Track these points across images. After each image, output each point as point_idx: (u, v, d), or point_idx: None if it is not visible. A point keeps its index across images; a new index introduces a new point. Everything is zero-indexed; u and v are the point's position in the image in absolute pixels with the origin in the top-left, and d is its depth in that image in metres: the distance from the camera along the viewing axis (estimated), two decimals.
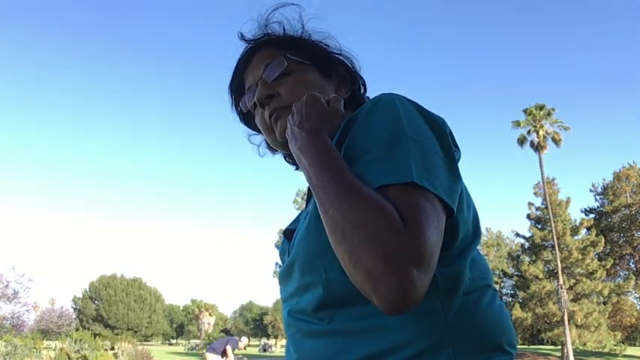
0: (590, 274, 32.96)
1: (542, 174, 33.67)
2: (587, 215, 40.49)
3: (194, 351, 60.28)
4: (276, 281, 0.90)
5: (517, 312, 32.30)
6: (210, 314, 72.04)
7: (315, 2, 1.01)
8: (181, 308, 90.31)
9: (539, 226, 34.95)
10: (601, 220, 39.52)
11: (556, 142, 33.17)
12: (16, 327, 32.69)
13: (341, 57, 1.02)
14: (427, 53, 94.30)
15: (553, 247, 32.36)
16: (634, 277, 35.25)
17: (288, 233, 0.92)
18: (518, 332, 34.11)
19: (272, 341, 68.39)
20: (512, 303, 35.01)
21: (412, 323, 0.70)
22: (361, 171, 0.70)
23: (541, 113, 33.32)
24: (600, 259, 34.60)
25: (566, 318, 30.06)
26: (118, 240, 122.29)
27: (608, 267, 33.50)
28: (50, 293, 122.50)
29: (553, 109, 33.60)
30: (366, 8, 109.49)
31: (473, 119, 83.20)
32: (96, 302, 67.17)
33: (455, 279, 0.74)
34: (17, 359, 21.89)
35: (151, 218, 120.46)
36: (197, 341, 64.47)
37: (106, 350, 29.53)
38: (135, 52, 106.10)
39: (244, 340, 13.49)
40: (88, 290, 67.63)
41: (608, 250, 37.75)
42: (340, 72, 1.00)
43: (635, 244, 38.95)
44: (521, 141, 33.67)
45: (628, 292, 36.39)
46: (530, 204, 35.96)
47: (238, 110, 1.06)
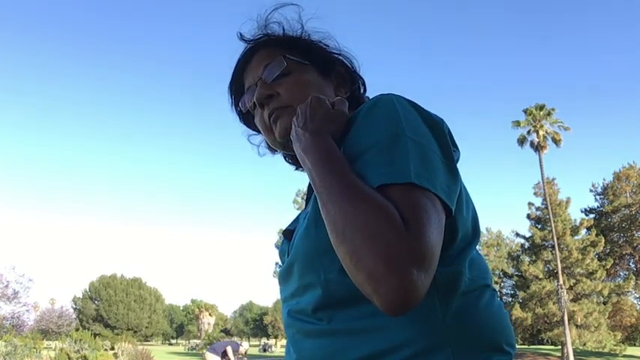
0: (590, 274, 32.95)
1: (542, 174, 33.68)
2: (587, 215, 40.53)
3: (194, 351, 60.27)
4: (276, 281, 0.90)
5: (517, 312, 32.28)
6: (210, 314, 72.01)
7: (314, 2, 1.01)
8: (181, 308, 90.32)
9: (539, 226, 34.92)
10: (601, 220, 39.50)
11: (556, 142, 33.16)
12: (16, 327, 32.70)
13: (340, 57, 1.01)
14: (427, 53, 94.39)
15: (553, 247, 32.34)
16: (634, 277, 35.22)
17: (287, 233, 0.92)
18: (518, 332, 34.11)
19: (272, 341, 68.40)
20: (512, 303, 34.98)
21: (411, 323, 0.70)
22: (360, 171, 0.70)
23: (541, 113, 33.30)
24: (600, 259, 34.58)
25: (566, 318, 30.04)
26: (118, 240, 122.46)
27: (608, 267, 33.47)
28: (50, 293, 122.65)
29: (553, 109, 33.59)
30: (366, 9, 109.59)
31: (473, 119, 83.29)
32: (96, 302, 67.17)
33: (454, 279, 0.74)
34: (17, 359, 21.88)
35: (151, 218, 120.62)
36: (197, 341, 64.45)
37: (106, 350, 29.49)
38: (134, 55, 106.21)
39: (245, 346, 13.45)
40: (88, 290, 67.63)
41: (608, 250, 37.73)
42: (340, 72, 1.00)
43: (635, 244, 38.93)
44: (521, 141, 33.66)
45: (628, 292, 36.37)
46: (530, 204, 35.96)
47: (238, 110, 1.06)
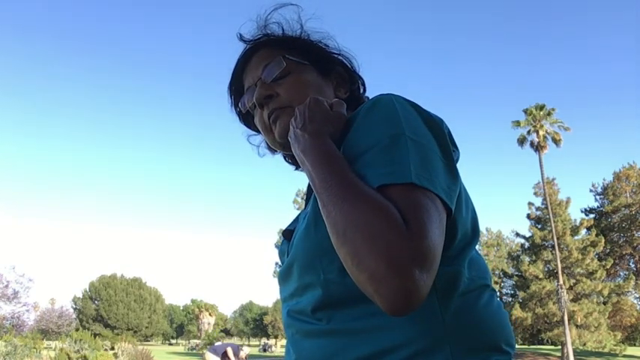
0: (590, 274, 32.93)
1: (542, 174, 33.67)
2: (587, 215, 40.50)
3: (194, 351, 60.29)
4: (276, 281, 0.90)
5: (517, 312, 32.27)
6: (210, 314, 72.02)
7: (314, 3, 1.00)
8: (181, 308, 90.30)
9: (539, 226, 34.91)
10: (601, 220, 39.47)
11: (556, 142, 33.14)
12: (16, 327, 32.73)
13: (340, 57, 1.01)
14: (427, 53, 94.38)
15: (553, 247, 32.33)
16: (634, 277, 35.21)
17: (287, 233, 0.92)
18: (518, 332, 34.09)
19: (272, 341, 68.35)
20: (512, 303, 34.97)
21: (410, 323, 0.70)
22: (360, 171, 0.70)
23: (541, 113, 33.29)
24: (600, 259, 34.57)
25: (566, 318, 30.03)
26: (118, 240, 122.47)
27: (608, 267, 33.46)
28: (50, 293, 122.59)
29: (553, 109, 33.57)
30: (366, 9, 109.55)
31: (473, 119, 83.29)
32: (96, 302, 67.13)
33: (453, 279, 0.74)
34: (17, 359, 21.88)
35: (151, 218, 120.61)
36: (197, 341, 64.47)
37: (106, 350, 29.50)
38: (134, 56, 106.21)
39: (246, 350, 13.41)
40: (88, 290, 67.59)
41: (608, 250, 37.70)
42: (339, 72, 1.00)
43: (635, 244, 38.90)
44: (521, 141, 33.65)
45: (628, 292, 36.35)
46: (530, 204, 35.95)
47: (237, 110, 1.06)
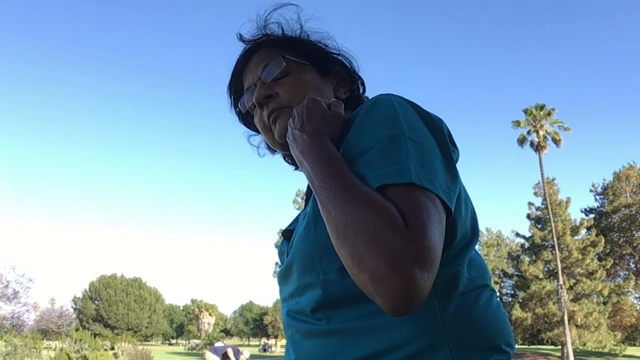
0: (590, 274, 32.94)
1: (542, 174, 33.69)
2: (587, 215, 40.48)
3: (194, 351, 60.31)
4: (276, 281, 0.90)
5: (517, 312, 32.29)
6: (210, 314, 72.08)
7: (313, 3, 1.00)
8: (181, 308, 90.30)
9: (539, 226, 34.92)
10: (601, 220, 39.45)
11: (556, 142, 33.15)
12: (16, 327, 32.70)
13: (340, 57, 1.01)
14: (427, 53, 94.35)
15: (553, 247, 32.34)
16: (634, 277, 35.20)
17: (286, 233, 0.92)
18: (518, 332, 34.10)
19: (272, 341, 68.33)
20: (512, 303, 34.97)
21: (409, 323, 0.70)
22: (360, 171, 0.70)
23: (541, 113, 33.29)
24: (600, 259, 34.58)
25: (566, 318, 30.04)
26: (118, 240, 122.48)
27: (608, 267, 33.46)
28: (50, 293, 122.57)
29: (553, 109, 33.58)
30: (367, 8, 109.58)
31: (473, 119, 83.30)
32: (96, 302, 67.12)
33: (452, 279, 0.74)
34: (17, 359, 21.89)
35: (151, 219, 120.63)
36: (197, 341, 64.48)
37: (106, 350, 29.50)
38: (135, 57, 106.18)
39: (246, 354, 13.42)
40: (88, 290, 67.58)
41: (608, 250, 37.71)
42: (339, 72, 1.00)
43: (635, 244, 38.89)
44: (521, 141, 33.65)
45: (628, 292, 36.33)
46: (530, 204, 35.97)
47: (237, 110, 1.06)
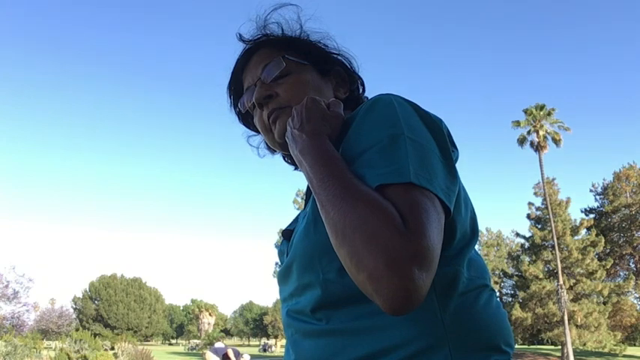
0: (590, 274, 32.94)
1: (542, 174, 33.69)
2: (587, 215, 40.48)
3: (194, 351, 60.32)
4: (276, 281, 0.90)
5: (517, 312, 32.28)
6: (210, 314, 72.05)
7: (313, 3, 1.00)
8: (181, 308, 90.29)
9: (539, 226, 34.92)
10: (601, 220, 39.45)
11: (556, 142, 33.15)
12: (16, 327, 32.72)
13: (339, 57, 1.01)
14: (427, 53, 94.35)
15: (553, 247, 32.34)
16: (634, 277, 35.20)
17: (286, 233, 0.92)
18: (518, 332, 34.10)
19: (272, 341, 68.33)
20: (512, 303, 34.97)
21: (409, 323, 0.70)
22: (359, 171, 0.70)
23: (541, 113, 33.29)
24: (600, 259, 34.58)
25: (566, 318, 30.04)
26: (118, 240, 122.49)
27: (608, 267, 33.46)
28: (50, 293, 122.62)
29: (553, 109, 33.58)
30: (367, 7, 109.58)
31: (473, 119, 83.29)
32: (96, 302, 67.12)
33: (452, 279, 0.74)
34: (17, 359, 21.89)
35: (151, 219, 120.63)
36: (197, 341, 64.48)
37: (106, 350, 29.51)
38: (134, 61, 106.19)
39: (246, 357, 13.41)
40: (88, 290, 67.58)
41: (608, 250, 37.71)
42: (339, 72, 1.00)
43: (635, 244, 38.89)
44: (521, 141, 33.65)
45: (628, 292, 36.34)
46: (530, 204, 35.97)
47: (237, 111, 1.06)
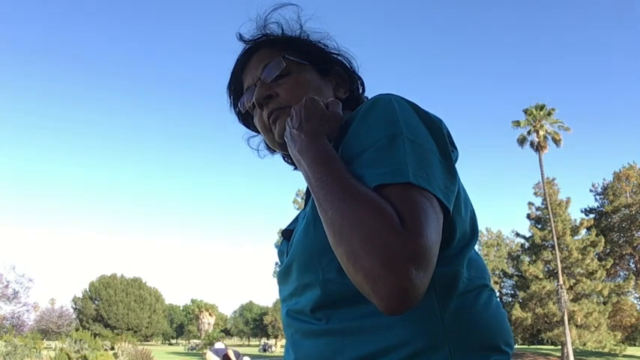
0: (590, 274, 32.94)
1: (542, 174, 33.70)
2: (587, 215, 40.49)
3: (194, 351, 60.33)
4: (276, 281, 0.90)
5: (517, 312, 32.28)
6: (210, 314, 72.02)
7: (313, 3, 1.01)
8: (181, 308, 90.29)
9: (539, 226, 34.92)
10: (601, 220, 39.45)
11: (556, 142, 33.16)
12: (16, 327, 32.74)
13: (339, 57, 1.01)
14: (427, 53, 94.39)
15: (553, 247, 32.34)
16: (634, 277, 35.20)
17: (286, 233, 0.92)
18: (518, 332, 34.11)
19: (272, 341, 68.35)
20: (512, 303, 34.96)
21: (409, 323, 0.70)
22: (358, 171, 0.70)
23: (541, 113, 33.30)
24: (600, 259, 34.58)
25: (566, 318, 30.04)
26: (118, 240, 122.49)
27: (608, 267, 33.46)
28: (50, 293, 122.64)
29: (553, 109, 33.59)
30: (367, 9, 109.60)
31: (473, 119, 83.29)
32: (96, 302, 67.13)
33: (452, 279, 0.74)
34: (17, 359, 21.90)
35: (151, 219, 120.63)
36: (197, 341, 64.48)
37: (106, 350, 29.50)
38: (136, 59, 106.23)
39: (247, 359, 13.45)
40: (88, 290, 67.58)
41: (608, 250, 37.70)
42: (338, 72, 1.00)
43: (635, 244, 38.88)
44: (521, 141, 33.67)
45: (628, 292, 36.34)
46: (530, 204, 35.98)
47: (237, 111, 1.06)
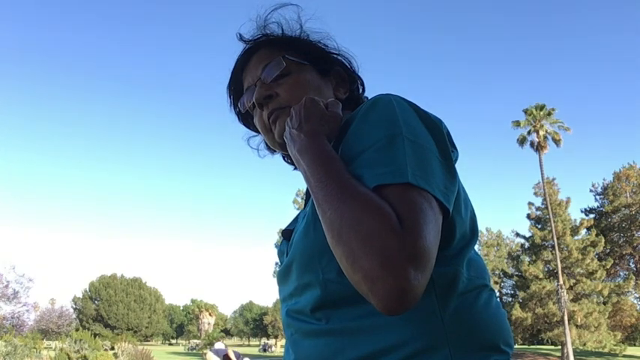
0: (590, 274, 32.95)
1: (542, 174, 33.72)
2: (587, 215, 40.49)
3: (194, 351, 60.32)
4: (275, 281, 0.90)
5: (517, 312, 32.29)
6: (210, 314, 72.03)
7: (313, 3, 1.01)
8: (181, 308, 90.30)
9: (539, 226, 34.93)
10: (601, 220, 39.45)
11: (556, 142, 33.17)
12: (16, 327, 32.73)
13: (339, 57, 1.02)
14: (427, 53, 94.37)
15: (553, 247, 32.35)
16: (634, 277, 35.20)
17: (286, 233, 0.92)
18: (518, 332, 34.12)
19: (272, 341, 68.35)
20: (512, 303, 34.98)
21: (409, 323, 0.70)
22: (357, 171, 0.70)
23: (541, 113, 33.31)
24: (600, 259, 34.58)
25: (566, 318, 30.05)
26: (118, 240, 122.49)
27: (608, 267, 33.47)
28: (50, 293, 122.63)
29: (553, 109, 33.60)
30: (367, 10, 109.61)
31: (473, 119, 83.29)
32: (96, 302, 67.14)
33: (452, 279, 0.74)
34: (17, 359, 21.90)
35: (151, 219, 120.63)
36: (197, 341, 64.47)
37: (106, 350, 29.50)
38: (136, 60, 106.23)
39: None
40: (88, 290, 67.60)
41: (608, 250, 37.71)
42: (338, 72, 1.00)
43: (635, 244, 38.89)
44: (521, 141, 33.68)
45: (628, 292, 36.35)
46: (530, 204, 35.99)
47: (237, 111, 1.06)
